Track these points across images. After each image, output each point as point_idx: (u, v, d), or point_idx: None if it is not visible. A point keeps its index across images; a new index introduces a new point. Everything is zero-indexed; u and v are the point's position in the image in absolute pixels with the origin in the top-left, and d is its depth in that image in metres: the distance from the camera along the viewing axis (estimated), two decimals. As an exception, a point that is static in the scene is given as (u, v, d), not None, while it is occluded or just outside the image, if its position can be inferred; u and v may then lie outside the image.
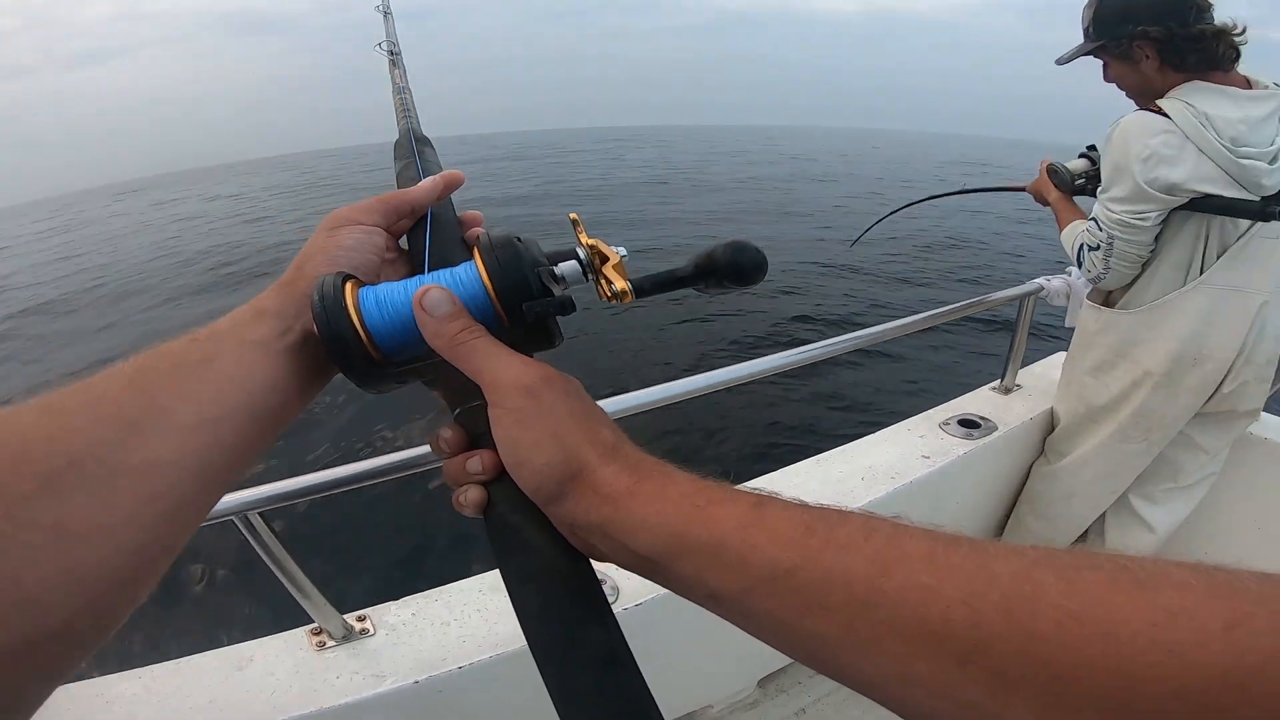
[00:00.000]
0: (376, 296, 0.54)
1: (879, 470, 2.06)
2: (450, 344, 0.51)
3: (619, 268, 0.56)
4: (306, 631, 1.48)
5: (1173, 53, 1.87)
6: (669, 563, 0.44)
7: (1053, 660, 0.31)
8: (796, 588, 0.39)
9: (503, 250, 0.54)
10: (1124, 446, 2.25)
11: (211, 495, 0.49)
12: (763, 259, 0.57)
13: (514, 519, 0.50)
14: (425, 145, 0.82)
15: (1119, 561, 0.33)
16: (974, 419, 2.34)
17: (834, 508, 0.43)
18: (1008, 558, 0.35)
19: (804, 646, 0.40)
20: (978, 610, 0.34)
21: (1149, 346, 2.12)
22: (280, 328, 0.54)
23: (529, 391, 0.49)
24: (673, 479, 0.47)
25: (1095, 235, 2.01)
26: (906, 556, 0.37)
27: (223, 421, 0.49)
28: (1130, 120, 1.90)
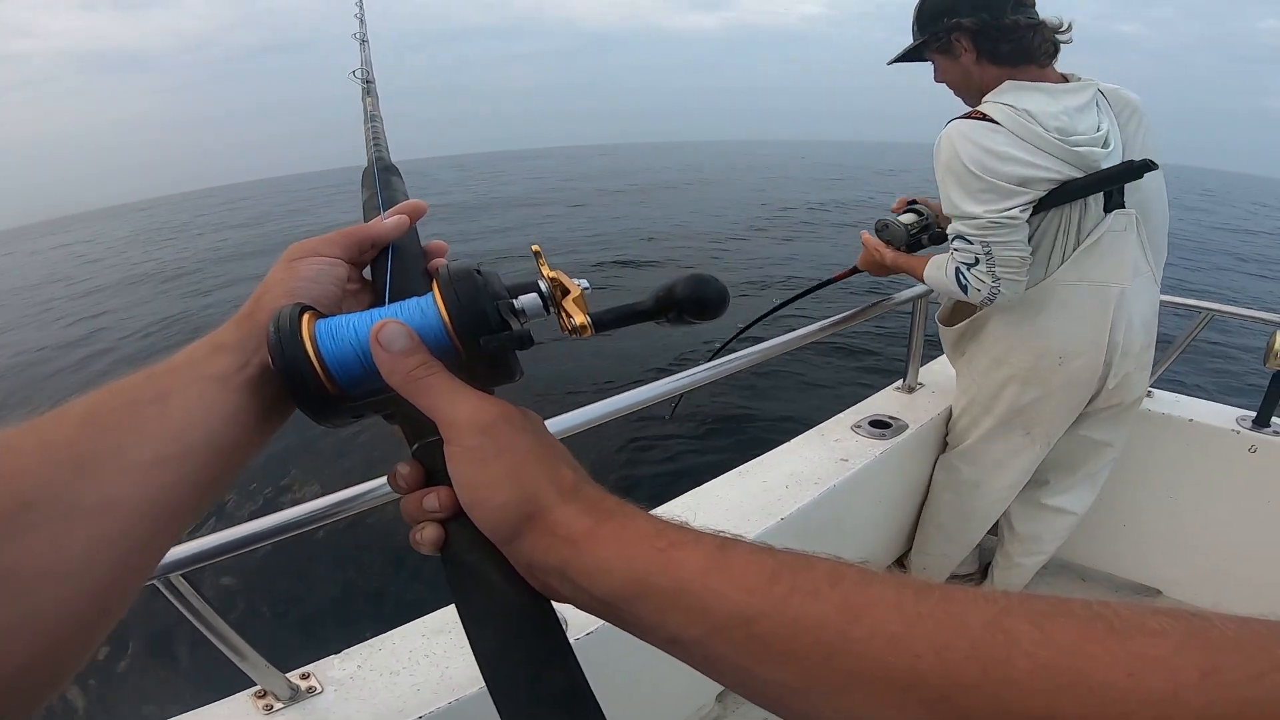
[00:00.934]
0: (333, 329, 0.53)
1: (801, 477, 2.11)
2: (406, 380, 0.50)
3: (579, 301, 0.56)
4: (250, 696, 1.41)
5: (987, 43, 1.93)
6: (628, 606, 0.43)
7: (1025, 711, 0.31)
8: (760, 635, 0.38)
9: (461, 284, 0.53)
10: (1008, 440, 2.31)
11: (169, 536, 0.48)
12: (724, 293, 0.57)
13: (471, 558, 0.49)
14: (393, 174, 0.81)
15: (1093, 609, 0.33)
16: (884, 419, 2.43)
17: (799, 552, 0.42)
18: (978, 605, 0.35)
19: (766, 693, 0.40)
20: (947, 660, 0.33)
21: (1009, 343, 2.18)
22: (238, 362, 0.53)
23: (485, 430, 0.48)
24: (634, 520, 0.47)
25: (968, 251, 1.95)
26: (874, 603, 0.37)
27: (180, 459, 0.47)
28: (955, 127, 1.92)
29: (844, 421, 2.43)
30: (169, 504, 0.47)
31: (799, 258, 14.40)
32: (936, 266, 2.10)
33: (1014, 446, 2.31)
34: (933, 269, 2.12)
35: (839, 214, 22.84)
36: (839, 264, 2.51)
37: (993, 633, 0.33)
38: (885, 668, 0.35)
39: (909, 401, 2.57)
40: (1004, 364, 2.21)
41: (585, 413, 1.62)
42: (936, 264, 2.10)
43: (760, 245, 16.39)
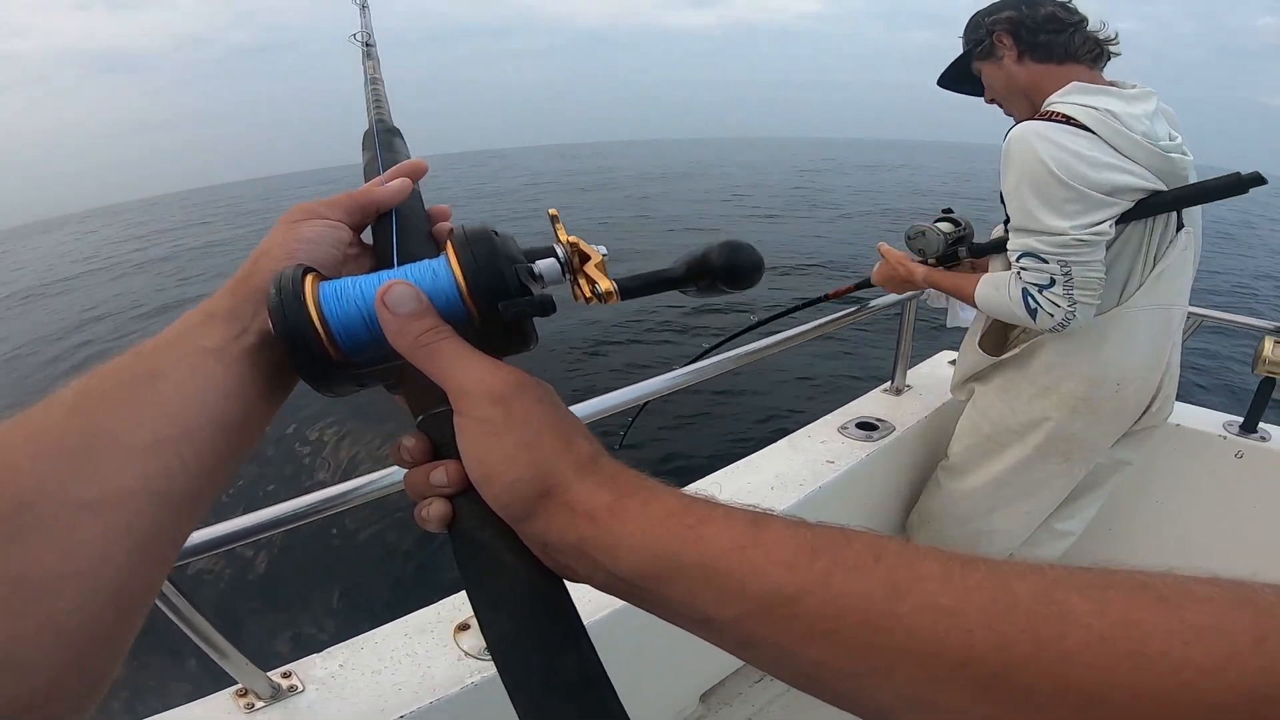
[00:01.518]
0: (338, 290, 0.50)
1: (787, 478, 2.11)
2: (414, 345, 0.47)
3: (601, 267, 0.53)
4: (231, 694, 1.41)
5: (1026, 34, 1.82)
6: (655, 586, 0.41)
7: (1082, 683, 0.30)
8: (801, 614, 0.37)
9: (479, 244, 0.50)
10: (1043, 468, 2.12)
11: (187, 520, 0.46)
12: (760, 260, 0.55)
13: (482, 536, 0.47)
14: (394, 136, 0.77)
15: (1138, 578, 0.33)
16: (871, 421, 2.42)
17: (835, 526, 0.41)
18: (1027, 577, 0.34)
19: (807, 674, 0.38)
20: (1002, 633, 0.32)
21: (1064, 371, 1.98)
22: (235, 330, 0.50)
23: (499, 399, 0.46)
24: (658, 495, 0.44)
25: (1041, 271, 1.72)
26: (921, 578, 0.36)
27: (179, 441, 0.44)
28: (1031, 128, 1.70)
29: (831, 423, 2.42)
30: (175, 489, 0.44)
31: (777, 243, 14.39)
32: (995, 286, 1.86)
33: (1047, 474, 2.14)
34: (989, 288, 1.89)
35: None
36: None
37: (1045, 605, 0.33)
38: (935, 644, 0.34)
39: (896, 404, 2.56)
40: (1051, 393, 2.01)
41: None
42: (994, 283, 1.88)
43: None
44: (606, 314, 10.57)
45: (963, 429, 2.30)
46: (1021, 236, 1.75)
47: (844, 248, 15.98)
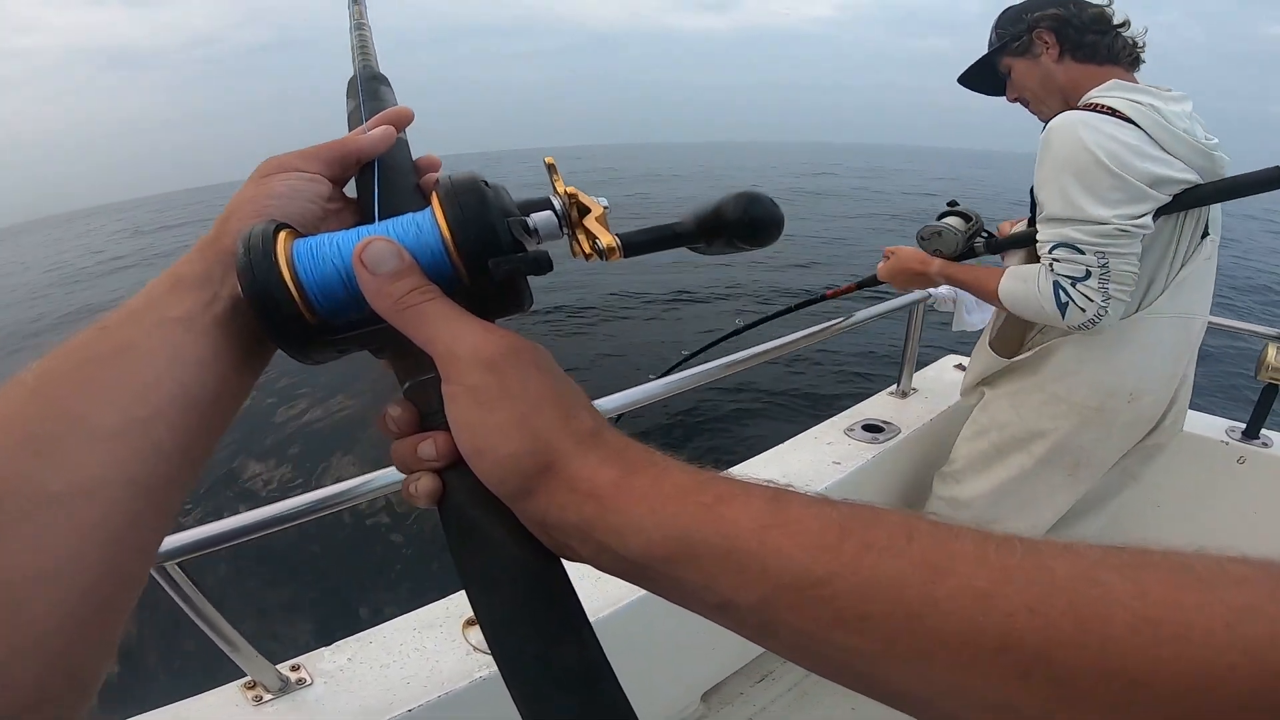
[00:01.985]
0: (314, 248, 0.46)
1: (794, 479, 2.02)
2: (396, 307, 0.44)
3: (603, 220, 0.49)
4: (239, 686, 1.42)
5: (1072, 33, 1.77)
6: (668, 568, 0.39)
7: (1126, 667, 0.29)
8: (830, 597, 0.35)
9: (466, 196, 0.46)
10: (1048, 479, 2.05)
11: (166, 506, 0.43)
12: (779, 215, 0.50)
13: (474, 513, 0.44)
14: (380, 84, 0.71)
15: (1174, 558, 0.31)
16: (877, 423, 2.42)
17: (862, 503, 0.38)
18: (1064, 557, 0.33)
19: (834, 660, 0.36)
20: (1044, 616, 0.31)
21: (1077, 379, 1.92)
22: (205, 296, 0.46)
23: (491, 365, 0.42)
24: (668, 470, 0.41)
25: (1076, 263, 1.65)
26: (957, 558, 0.34)
27: (149, 422, 0.41)
28: (1077, 117, 1.65)
29: (837, 425, 2.43)
30: (150, 474, 0.41)
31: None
32: (1021, 279, 1.78)
33: (1051, 486, 2.06)
34: (1015, 281, 1.80)
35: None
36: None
37: (1087, 586, 0.31)
38: (974, 629, 0.32)
39: (902, 406, 2.57)
40: (1062, 402, 1.94)
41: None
42: (1020, 275, 1.79)
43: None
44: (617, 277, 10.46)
45: (966, 434, 2.24)
46: (1057, 226, 1.67)
47: (845, 248, 15.96)
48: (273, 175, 0.55)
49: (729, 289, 11.75)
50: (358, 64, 0.75)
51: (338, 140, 0.59)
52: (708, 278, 12.06)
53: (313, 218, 0.54)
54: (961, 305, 2.49)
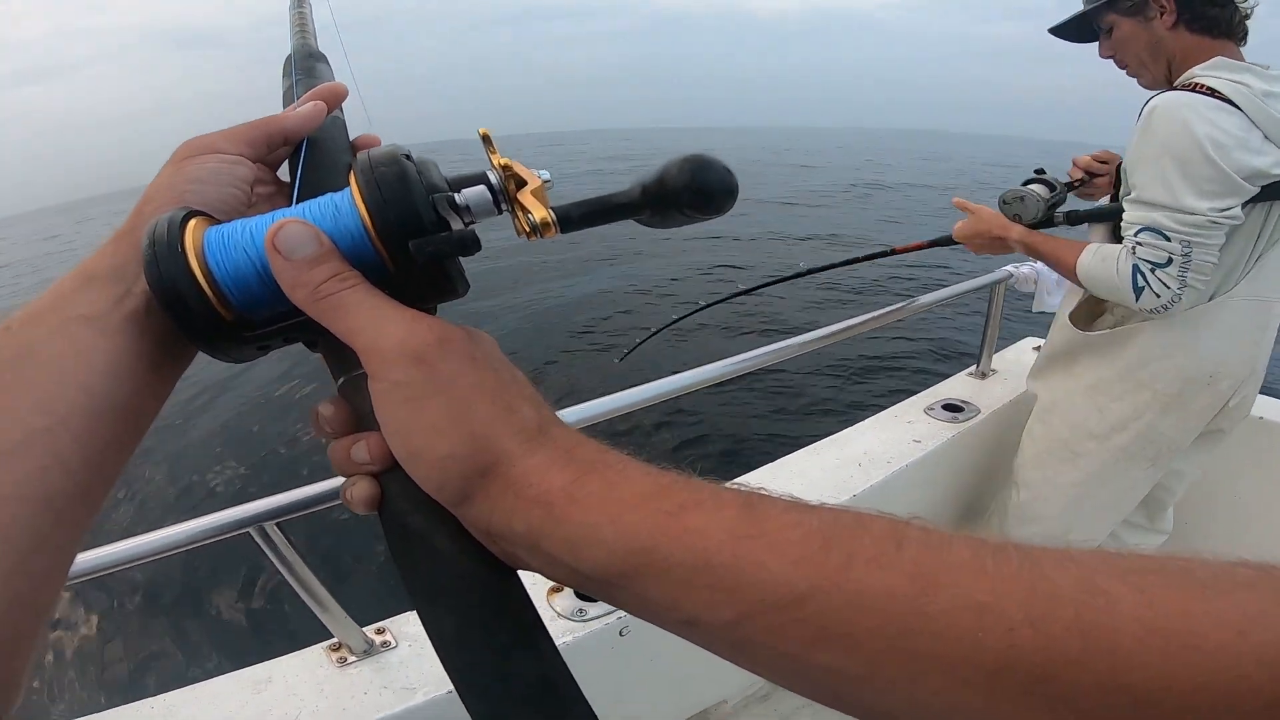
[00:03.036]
0: (226, 236, 0.42)
1: (875, 456, 2.08)
2: (313, 297, 0.40)
3: (539, 194, 0.45)
4: (324, 648, 1.42)
5: (1195, 4, 1.66)
6: (628, 584, 0.35)
7: (1133, 683, 0.27)
8: (812, 615, 0.31)
9: (384, 170, 0.41)
10: (1126, 473, 2.00)
11: (74, 524, 0.39)
12: (732, 182, 0.45)
13: (414, 520, 0.40)
14: (317, 61, 0.66)
15: (1177, 562, 0.29)
16: (957, 403, 2.39)
17: (843, 508, 0.35)
18: (1064, 564, 0.30)
19: (815, 681, 0.33)
20: (1047, 631, 0.28)
21: (1161, 365, 1.86)
22: (116, 292, 0.42)
23: (418, 358, 0.39)
24: (625, 473, 0.38)
25: (1159, 249, 1.61)
26: (951, 569, 0.31)
27: (55, 431, 0.37)
28: (1183, 100, 1.60)
29: (917, 404, 2.40)
30: (54, 490, 0.37)
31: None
32: (1101, 257, 1.73)
33: (1132, 480, 2.02)
34: (1094, 259, 1.75)
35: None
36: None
37: (1091, 596, 0.28)
38: (972, 646, 0.29)
39: (981, 387, 2.51)
40: (1145, 388, 1.89)
41: (647, 390, 1.59)
42: (1101, 254, 1.74)
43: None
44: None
45: (1033, 434, 2.17)
46: (1147, 210, 1.63)
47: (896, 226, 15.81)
48: (191, 158, 0.49)
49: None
50: (295, 41, 0.70)
51: (263, 118, 0.54)
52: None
53: (236, 203, 0.50)
54: (1043, 285, 2.45)
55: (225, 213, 0.47)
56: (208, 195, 0.47)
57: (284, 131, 0.53)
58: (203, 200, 0.47)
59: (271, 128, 0.53)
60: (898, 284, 10.37)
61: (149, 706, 1.31)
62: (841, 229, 16.50)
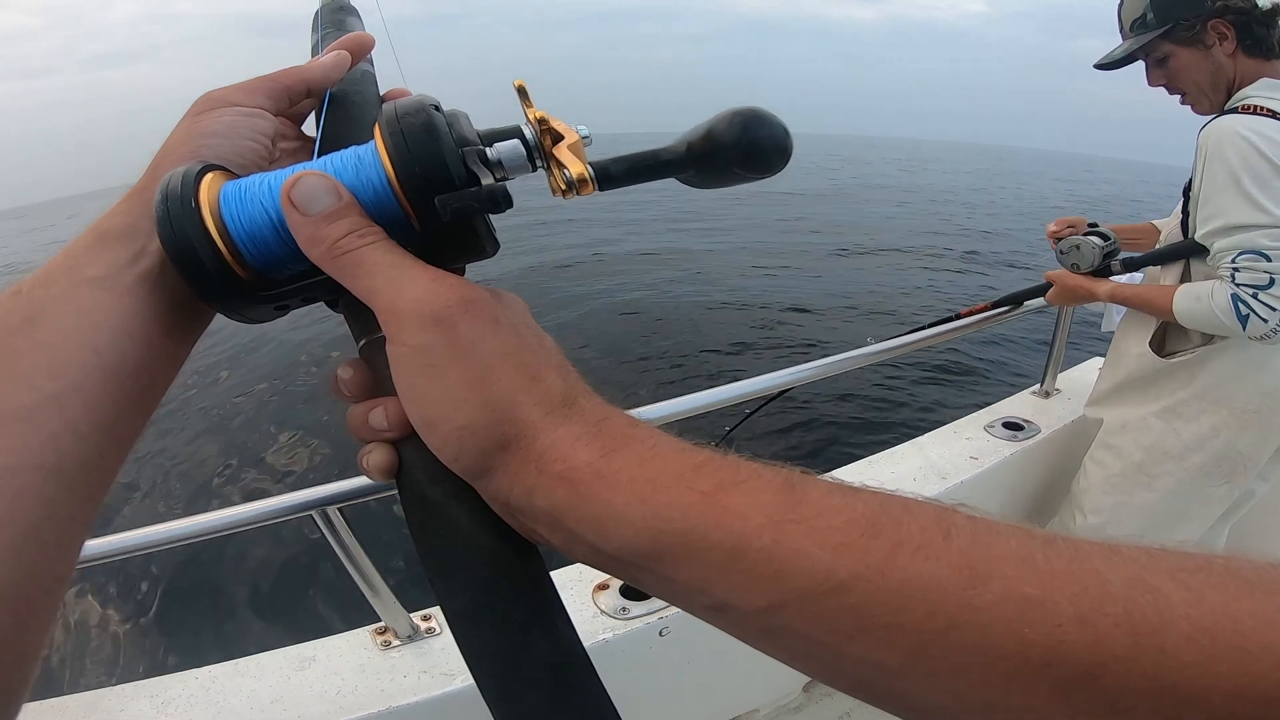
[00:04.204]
0: (242, 191, 0.39)
1: (931, 470, 2.05)
2: (330, 253, 0.37)
3: (577, 149, 0.42)
4: (370, 631, 1.43)
5: (1252, 31, 1.65)
6: (656, 566, 0.34)
7: (1179, 683, 0.26)
8: (853, 605, 0.30)
9: (411, 121, 0.38)
10: (1201, 491, 1.96)
11: (88, 492, 0.37)
12: (786, 138, 0.42)
13: (432, 492, 0.39)
14: (347, 15, 0.63)
15: (1222, 561, 0.28)
16: (1018, 421, 2.33)
17: (890, 493, 0.33)
18: (1113, 559, 0.29)
19: (850, 672, 0.32)
20: (1096, 627, 0.27)
21: (1238, 383, 1.84)
22: (129, 252, 0.40)
23: (438, 320, 0.36)
24: (657, 449, 0.36)
25: (1259, 271, 1.58)
26: (1000, 560, 0.29)
27: (66, 396, 0.36)
28: (1243, 123, 1.60)
29: (977, 420, 2.35)
30: (66, 457, 0.35)
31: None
32: (1194, 296, 1.71)
33: (1206, 498, 1.98)
34: (1188, 300, 1.72)
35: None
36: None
37: (1140, 593, 0.27)
38: (1017, 641, 0.27)
39: (1044, 406, 2.45)
40: (1221, 406, 1.86)
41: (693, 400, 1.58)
42: (1194, 294, 1.71)
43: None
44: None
45: (1101, 460, 2.11)
46: (1240, 234, 1.60)
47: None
48: (207, 111, 0.47)
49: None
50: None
51: (284, 69, 0.51)
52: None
53: (255, 158, 0.47)
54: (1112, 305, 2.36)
55: (244, 168, 0.45)
56: (225, 150, 0.45)
57: (305, 82, 0.51)
58: (219, 155, 0.44)
59: (291, 79, 0.50)
60: (962, 297, 10.27)
61: (194, 677, 1.34)
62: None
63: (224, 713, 1.28)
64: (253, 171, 0.44)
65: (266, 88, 0.49)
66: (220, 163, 0.43)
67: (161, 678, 1.34)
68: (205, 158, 0.43)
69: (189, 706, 1.29)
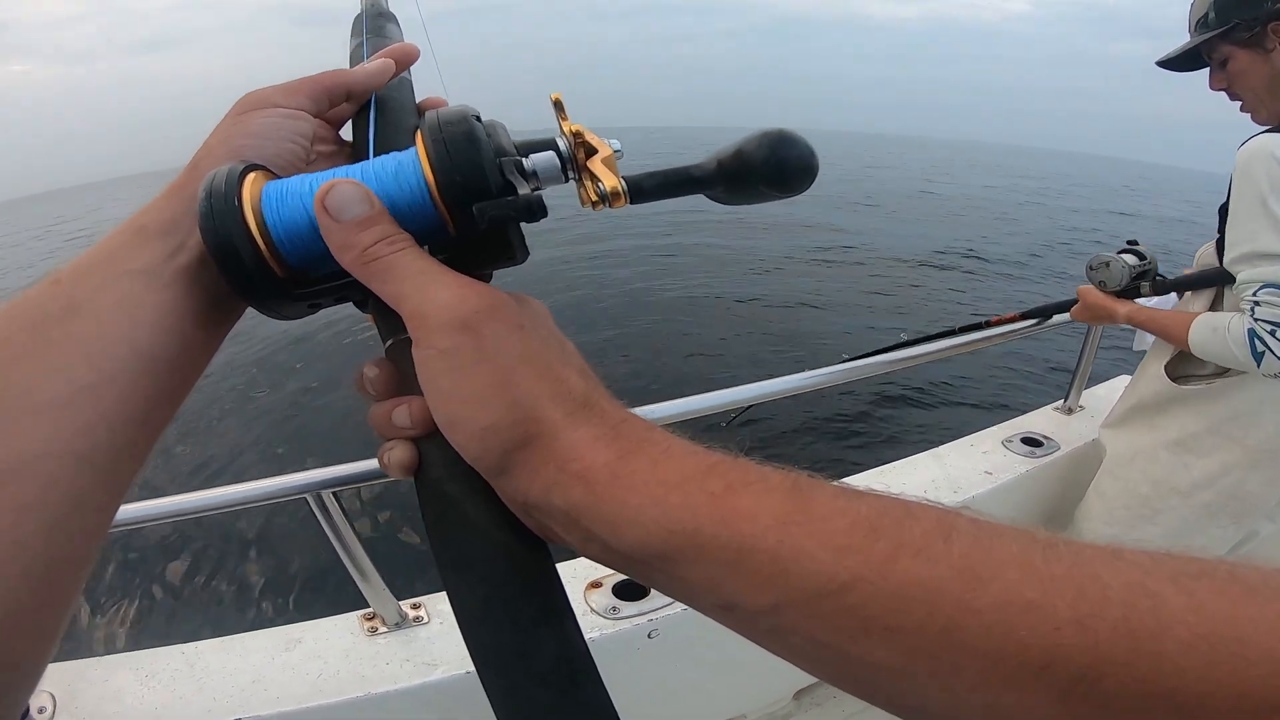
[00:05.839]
0: (284, 191, 0.41)
1: (942, 483, 2.01)
2: (360, 259, 0.39)
3: (610, 162, 0.43)
4: (359, 616, 1.43)
5: None
6: (667, 566, 0.35)
7: (1176, 690, 0.26)
8: (855, 606, 0.31)
9: (453, 130, 0.40)
10: (1206, 530, 1.88)
11: (116, 480, 0.38)
12: (812, 159, 0.44)
13: (451, 489, 0.40)
14: (387, 21, 0.65)
15: (1224, 567, 0.28)
16: (1037, 438, 2.27)
17: (893, 496, 0.34)
18: (1113, 563, 0.29)
19: (853, 674, 0.32)
20: (1094, 631, 0.27)
21: (1254, 420, 1.76)
22: (169, 247, 0.41)
23: (464, 325, 0.37)
24: (670, 452, 0.37)
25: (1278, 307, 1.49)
26: (1001, 563, 0.30)
27: (102, 387, 0.37)
28: (1275, 141, 1.49)
29: (996, 435, 2.29)
30: (98, 447, 0.36)
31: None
32: (1211, 328, 1.63)
33: (1210, 539, 1.89)
34: (1204, 330, 1.64)
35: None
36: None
37: (1139, 598, 0.27)
38: (1017, 644, 0.28)
39: (1065, 423, 2.38)
40: (1235, 443, 1.77)
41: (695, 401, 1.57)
42: (1210, 324, 1.64)
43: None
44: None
45: (1104, 490, 2.05)
46: (1263, 264, 1.50)
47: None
48: (250, 112, 0.48)
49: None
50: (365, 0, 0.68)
51: (326, 72, 0.52)
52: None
53: (295, 159, 0.48)
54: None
55: (283, 169, 0.46)
56: (265, 150, 0.46)
57: (347, 86, 0.52)
58: (260, 155, 0.45)
59: (333, 82, 0.52)
60: (990, 306, 10.14)
61: (179, 652, 1.35)
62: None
63: (206, 689, 1.29)
64: (291, 172, 0.46)
65: (308, 89, 0.50)
66: (261, 163, 0.44)
67: (147, 650, 1.36)
68: (247, 158, 0.44)
69: (173, 680, 1.30)
